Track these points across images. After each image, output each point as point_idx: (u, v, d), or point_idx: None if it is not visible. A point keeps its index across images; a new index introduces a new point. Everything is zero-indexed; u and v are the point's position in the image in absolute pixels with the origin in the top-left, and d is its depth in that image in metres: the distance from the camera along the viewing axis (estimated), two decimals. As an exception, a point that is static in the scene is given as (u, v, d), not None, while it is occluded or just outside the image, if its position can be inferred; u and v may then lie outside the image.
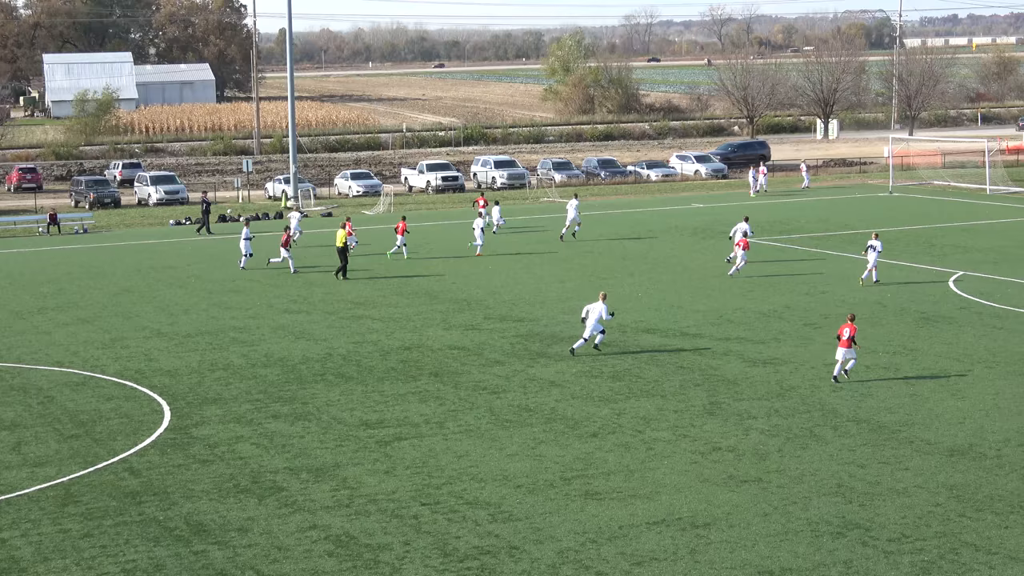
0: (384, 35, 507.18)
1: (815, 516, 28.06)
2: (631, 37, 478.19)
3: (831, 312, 50.18)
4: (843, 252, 65.64)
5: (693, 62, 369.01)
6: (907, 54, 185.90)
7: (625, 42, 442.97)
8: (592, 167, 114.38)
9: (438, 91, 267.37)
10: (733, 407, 37.03)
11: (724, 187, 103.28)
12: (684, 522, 27.87)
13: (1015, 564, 25.22)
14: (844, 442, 33.45)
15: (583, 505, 29.08)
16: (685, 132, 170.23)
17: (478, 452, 33.24)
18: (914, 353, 43.26)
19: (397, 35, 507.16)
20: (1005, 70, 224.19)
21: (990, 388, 38.57)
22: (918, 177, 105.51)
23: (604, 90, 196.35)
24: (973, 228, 74.71)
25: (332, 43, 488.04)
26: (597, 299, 44.18)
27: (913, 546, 26.25)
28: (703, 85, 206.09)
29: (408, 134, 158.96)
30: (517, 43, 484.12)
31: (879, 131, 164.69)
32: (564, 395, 38.73)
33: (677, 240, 71.23)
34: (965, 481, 30.20)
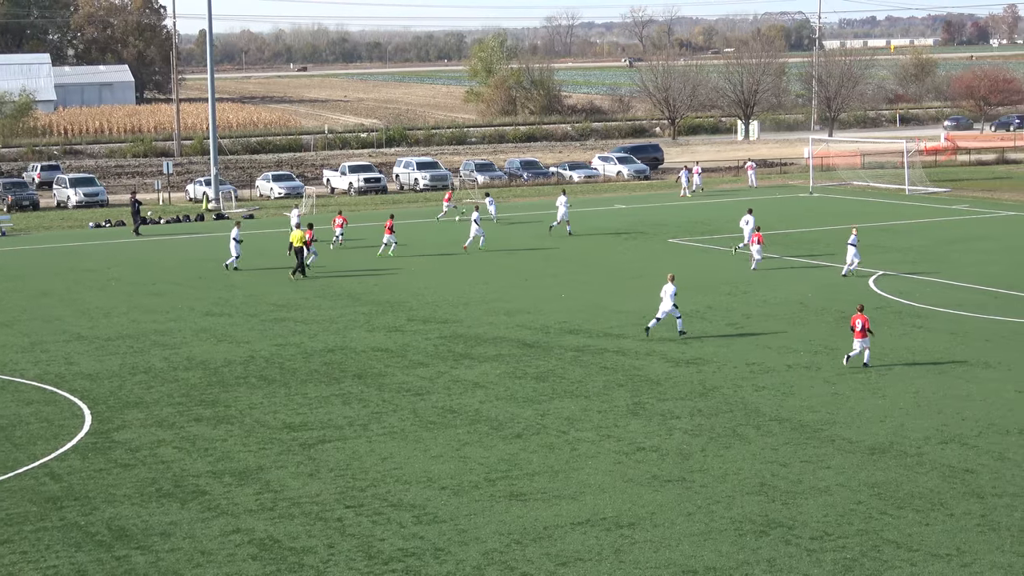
0: (305, 36, 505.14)
1: (738, 515, 28.20)
2: (553, 38, 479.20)
3: (753, 312, 50.49)
4: (764, 253, 65.98)
5: (615, 63, 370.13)
6: (826, 56, 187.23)
7: (547, 43, 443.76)
8: (515, 168, 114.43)
9: (360, 92, 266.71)
10: (657, 407, 37.15)
11: (646, 188, 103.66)
12: (609, 522, 27.92)
13: (936, 561, 25.45)
14: (767, 441, 33.64)
15: (508, 506, 29.08)
16: (607, 133, 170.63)
17: (402, 454, 33.17)
18: (835, 352, 43.56)
19: (318, 36, 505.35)
20: (923, 71, 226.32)
21: (910, 386, 38.92)
22: (838, 178, 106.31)
23: (526, 91, 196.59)
24: (892, 228, 75.36)
25: (253, 44, 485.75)
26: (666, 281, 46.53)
27: (835, 544, 26.43)
28: (625, 87, 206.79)
29: (330, 136, 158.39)
30: (439, 44, 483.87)
31: (799, 132, 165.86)
32: (488, 396, 38.72)
33: (600, 241, 71.36)
34: (886, 479, 30.45)
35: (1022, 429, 34.21)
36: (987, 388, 38.54)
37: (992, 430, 34.21)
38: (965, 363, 41.71)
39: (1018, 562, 25.26)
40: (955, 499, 28.94)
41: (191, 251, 71.27)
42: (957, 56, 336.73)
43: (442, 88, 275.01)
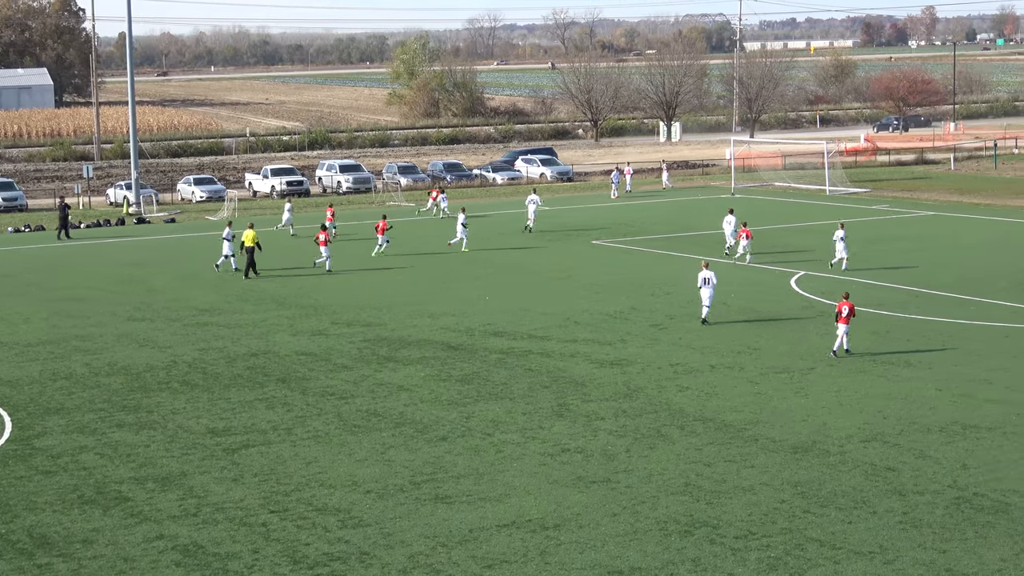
0: (226, 39, 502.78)
1: (663, 515, 28.29)
2: (475, 40, 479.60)
3: (676, 313, 50.69)
4: (686, 253, 66.32)
5: (537, 65, 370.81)
6: (747, 57, 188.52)
7: (469, 45, 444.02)
8: (438, 170, 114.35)
9: (281, 95, 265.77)
10: (581, 408, 37.21)
11: (570, 189, 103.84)
12: (534, 524, 27.93)
13: (859, 559, 25.64)
14: (691, 441, 33.78)
15: (433, 509, 29.02)
16: (530, 135, 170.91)
17: (327, 458, 33.04)
18: (758, 352, 43.83)
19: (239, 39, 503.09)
20: (843, 73, 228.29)
21: (832, 385, 39.21)
22: (760, 179, 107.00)
23: (449, 94, 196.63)
24: (813, 228, 75.89)
25: (173, 47, 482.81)
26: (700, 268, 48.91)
27: (760, 543, 26.57)
28: (547, 88, 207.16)
29: (252, 139, 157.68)
30: (361, 47, 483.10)
31: (721, 133, 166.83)
32: (413, 399, 38.64)
33: (524, 243, 71.39)
34: (809, 478, 30.65)
35: (943, 427, 34.55)
36: (908, 387, 38.89)
37: (913, 428, 34.52)
38: (886, 362, 42.06)
39: (940, 559, 25.49)
40: (877, 497, 29.17)
41: (112, 256, 70.63)
42: (876, 57, 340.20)
43: (364, 90, 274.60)
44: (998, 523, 27.32)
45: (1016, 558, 25.40)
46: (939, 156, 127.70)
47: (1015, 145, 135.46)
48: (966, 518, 27.67)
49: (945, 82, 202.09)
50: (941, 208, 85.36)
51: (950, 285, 55.66)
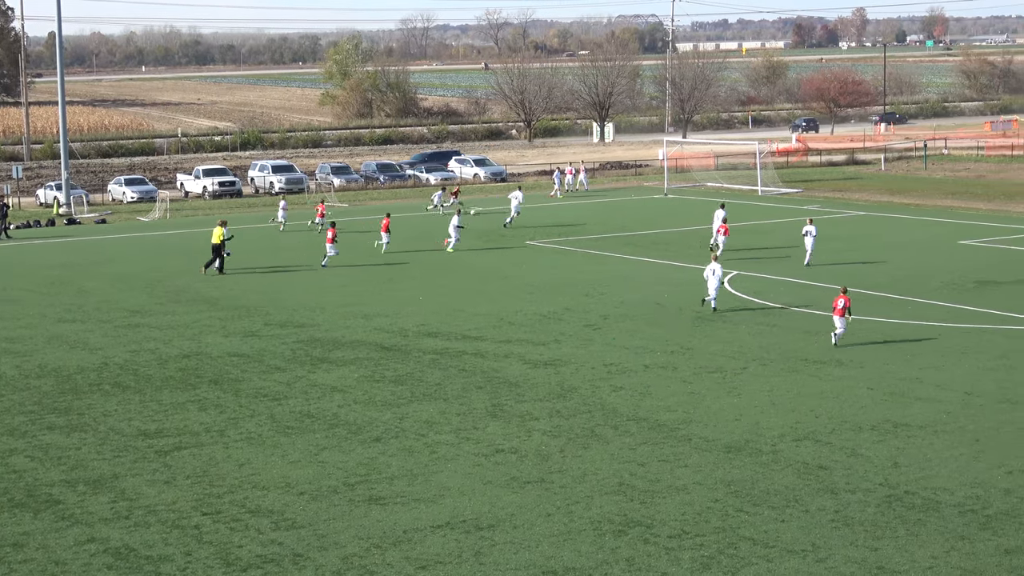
0: (157, 39, 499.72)
1: (597, 515, 28.32)
2: (408, 41, 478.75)
3: (610, 313, 50.80)
4: (620, 253, 66.52)
5: (470, 66, 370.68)
6: (679, 58, 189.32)
7: (402, 46, 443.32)
8: (371, 171, 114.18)
9: (213, 95, 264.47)
10: (515, 409, 37.21)
11: (503, 190, 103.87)
12: (468, 524, 27.90)
13: (792, 557, 25.76)
14: (625, 441, 33.84)
15: (367, 510, 28.94)
16: (464, 136, 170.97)
17: (260, 460, 32.87)
18: (691, 352, 43.99)
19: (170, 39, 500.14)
20: (774, 74, 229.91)
21: (765, 385, 39.40)
22: (692, 179, 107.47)
23: (382, 94, 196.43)
24: (746, 228, 76.26)
25: (104, 47, 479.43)
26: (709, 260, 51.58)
27: (693, 542, 26.64)
28: (481, 89, 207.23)
29: (184, 139, 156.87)
30: (293, 47, 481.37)
31: (654, 134, 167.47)
32: (346, 400, 38.53)
33: (458, 244, 71.32)
34: (742, 477, 30.77)
35: (874, 425, 34.78)
36: (840, 386, 39.13)
37: (845, 427, 34.73)
38: (818, 361, 42.31)
39: (871, 556, 25.66)
40: (810, 495, 29.33)
41: (43, 257, 70.04)
42: (807, 58, 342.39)
43: (297, 91, 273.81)
44: (929, 521, 27.53)
45: (947, 555, 25.60)
46: (870, 157, 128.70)
47: (945, 146, 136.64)
48: (897, 516, 27.86)
49: (875, 83, 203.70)
50: (872, 208, 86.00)
51: (881, 285, 56.07)
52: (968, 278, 57.22)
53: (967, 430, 34.26)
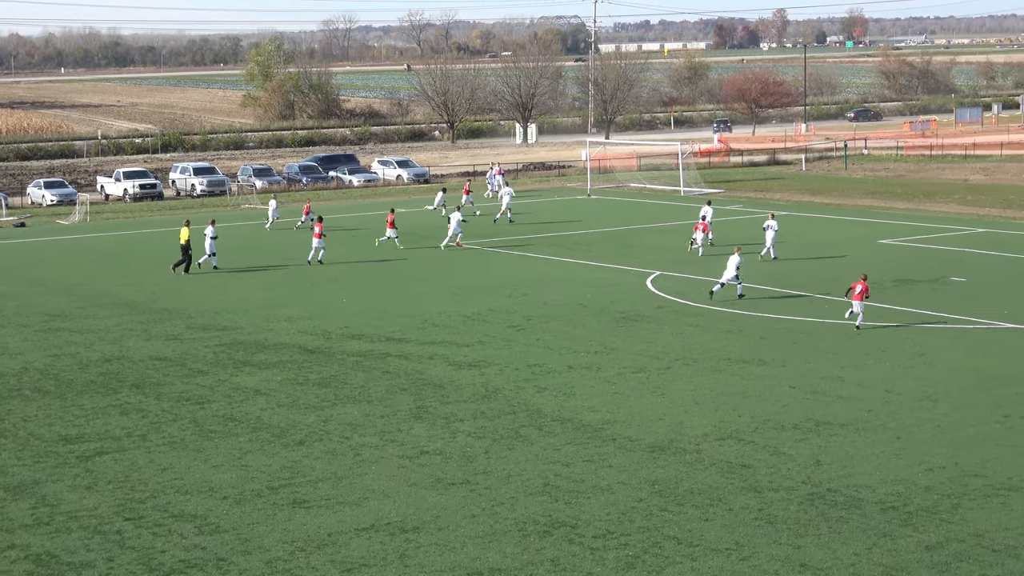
0: (76, 40, 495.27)
1: (522, 516, 28.33)
2: (330, 42, 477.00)
3: (534, 314, 50.85)
4: (543, 254, 66.62)
5: (393, 67, 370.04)
6: (602, 59, 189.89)
7: (324, 47, 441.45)
8: (294, 173, 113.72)
9: (134, 97, 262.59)
10: (440, 410, 37.17)
11: (426, 191, 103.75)
12: (393, 527, 27.84)
13: (715, 555, 25.88)
14: (549, 441, 33.88)
15: (291, 514, 28.81)
16: (386, 137, 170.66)
17: (182, 464, 32.65)
18: (615, 352, 44.11)
19: (90, 40, 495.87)
20: (696, 75, 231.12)
21: (688, 384, 39.57)
22: (615, 180, 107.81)
23: (304, 95, 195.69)
24: (668, 229, 76.59)
25: (22, 48, 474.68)
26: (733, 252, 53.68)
27: (618, 541, 26.71)
28: (403, 90, 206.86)
29: (104, 141, 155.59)
30: (215, 48, 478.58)
31: (577, 135, 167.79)
32: (270, 403, 38.34)
33: (381, 246, 71.14)
34: (666, 476, 30.88)
35: (796, 424, 35.01)
36: (762, 384, 39.37)
37: (768, 425, 34.95)
38: (741, 361, 42.55)
39: (795, 554, 25.82)
40: (733, 494, 29.48)
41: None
42: (729, 59, 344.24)
43: (219, 92, 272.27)
44: (851, 518, 27.74)
45: (869, 552, 25.81)
46: (791, 157, 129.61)
47: (864, 146, 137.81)
48: (820, 513, 28.06)
49: (796, 84, 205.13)
50: (793, 208, 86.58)
51: (803, 284, 56.46)
52: (887, 277, 57.72)
53: (888, 428, 34.57)
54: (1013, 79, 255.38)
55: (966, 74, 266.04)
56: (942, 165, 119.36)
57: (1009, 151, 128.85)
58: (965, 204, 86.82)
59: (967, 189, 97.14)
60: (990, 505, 28.39)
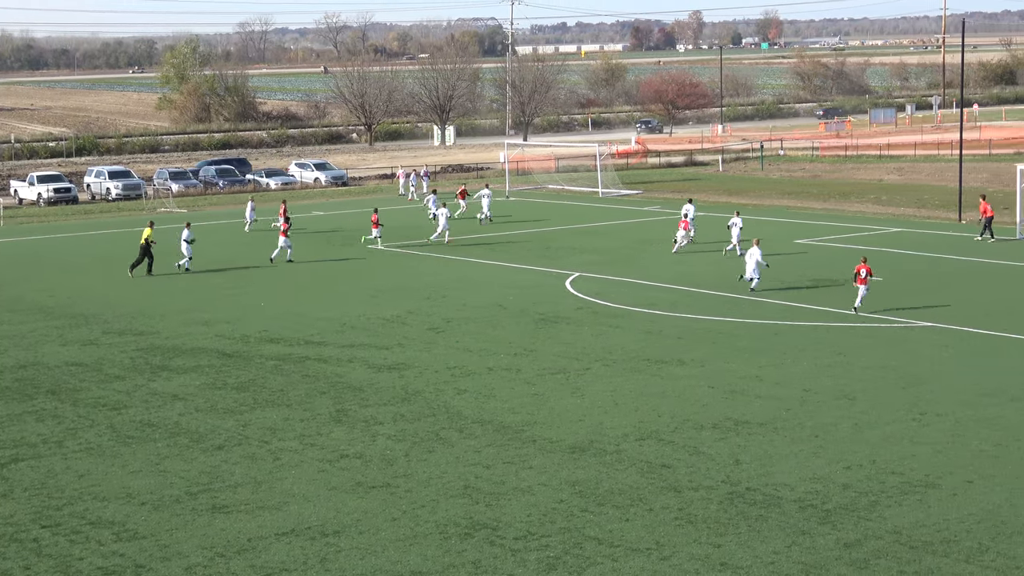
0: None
1: (443, 518, 28.29)
2: (246, 44, 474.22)
3: (453, 316, 50.80)
4: (462, 256, 66.60)
5: (310, 69, 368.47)
6: (519, 61, 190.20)
7: (240, 49, 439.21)
8: (210, 176, 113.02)
9: (47, 100, 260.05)
10: (360, 413, 37.05)
11: (344, 194, 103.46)
12: (314, 531, 27.71)
13: (636, 555, 25.94)
14: (470, 444, 33.85)
15: (210, 519, 28.61)
16: (304, 140, 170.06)
17: (100, 470, 32.34)
18: (534, 354, 44.15)
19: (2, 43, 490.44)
20: (613, 76, 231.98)
21: (608, 385, 39.66)
22: (534, 181, 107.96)
23: (220, 98, 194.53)
24: (587, 230, 76.78)
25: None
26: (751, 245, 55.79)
27: (539, 543, 26.72)
28: (320, 93, 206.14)
29: (17, 145, 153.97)
30: (129, 51, 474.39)
31: (495, 137, 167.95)
32: (188, 408, 38.06)
33: (300, 248, 70.86)
34: (587, 477, 30.93)
35: (715, 423, 35.18)
36: (681, 384, 39.53)
37: (687, 425, 35.09)
38: (660, 361, 42.70)
39: (715, 553, 25.93)
40: (653, 494, 29.57)
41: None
42: (645, 61, 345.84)
43: (134, 95, 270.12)
44: (770, 516, 27.91)
45: (788, 550, 25.97)
46: (708, 158, 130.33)
47: (780, 147, 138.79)
48: (739, 512, 28.20)
49: (712, 85, 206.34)
50: (710, 209, 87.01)
51: (719, 284, 56.77)
52: (804, 277, 58.16)
53: (806, 426, 34.81)
54: (926, 80, 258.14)
55: (880, 75, 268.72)
56: (857, 165, 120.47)
57: (923, 151, 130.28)
58: (880, 204, 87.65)
59: (882, 189, 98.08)
60: (907, 502, 28.65)
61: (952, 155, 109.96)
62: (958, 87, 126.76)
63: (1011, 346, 43.99)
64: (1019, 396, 37.37)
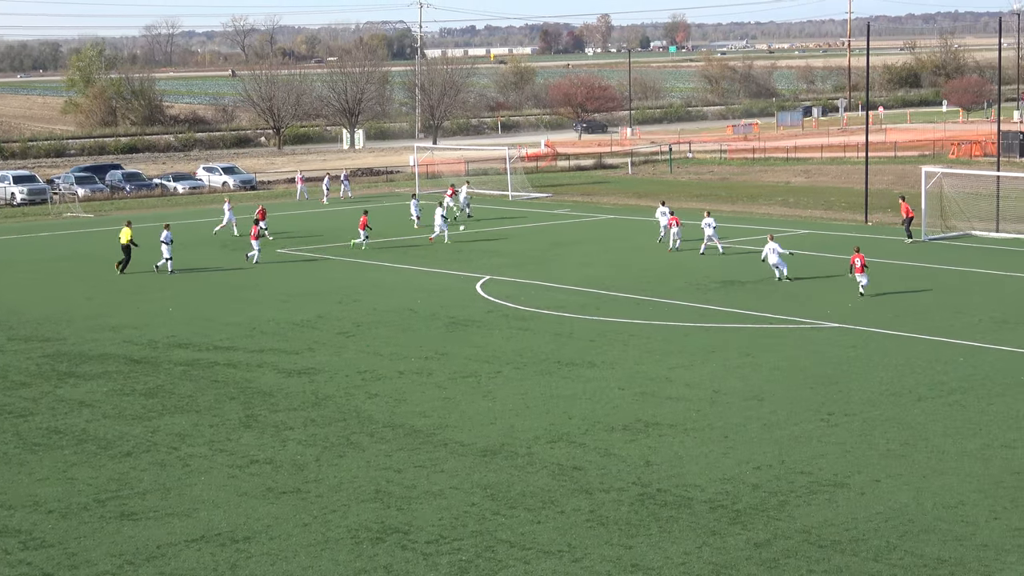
0: None
1: (354, 523, 28.19)
2: (153, 48, 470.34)
3: (363, 320, 50.66)
4: (373, 260, 66.42)
5: (217, 73, 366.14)
6: (428, 64, 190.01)
7: (147, 53, 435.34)
8: (117, 180, 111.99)
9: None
10: (270, 419, 36.86)
11: (253, 198, 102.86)
12: (224, 537, 27.52)
13: (548, 558, 25.97)
14: (381, 448, 33.77)
15: (119, 527, 28.34)
16: (212, 144, 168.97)
17: (5, 478, 31.93)
18: (445, 357, 44.11)
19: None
20: (522, 79, 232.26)
21: (519, 388, 39.69)
22: (444, 185, 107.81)
23: (127, 102, 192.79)
24: (497, 233, 76.79)
25: None
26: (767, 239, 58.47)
27: (451, 546, 26.69)
28: (228, 96, 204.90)
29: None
30: (34, 54, 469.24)
31: (404, 140, 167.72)
32: (95, 415, 37.69)
33: (206, 253, 70.43)
34: (498, 480, 30.94)
35: (626, 425, 35.30)
36: (592, 387, 39.63)
37: (598, 427, 35.19)
38: (571, 363, 42.79)
39: (626, 554, 26.01)
40: (565, 496, 29.62)
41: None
42: (554, 64, 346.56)
43: (38, 99, 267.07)
44: (681, 517, 28.04)
45: (699, 551, 26.10)
46: (617, 161, 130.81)
47: (689, 150, 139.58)
48: (650, 514, 28.32)
49: (621, 88, 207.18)
50: (620, 212, 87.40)
51: (629, 286, 57.00)
52: (712, 278, 58.53)
53: (716, 427, 35.02)
54: (832, 83, 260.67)
55: (787, 78, 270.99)
56: (764, 168, 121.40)
57: (829, 153, 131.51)
58: (787, 206, 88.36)
59: (789, 191, 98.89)
60: (816, 502, 28.89)
61: (858, 157, 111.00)
62: (864, 90, 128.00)
63: (918, 346, 44.49)
64: (926, 396, 37.81)
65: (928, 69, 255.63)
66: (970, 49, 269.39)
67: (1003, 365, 41.46)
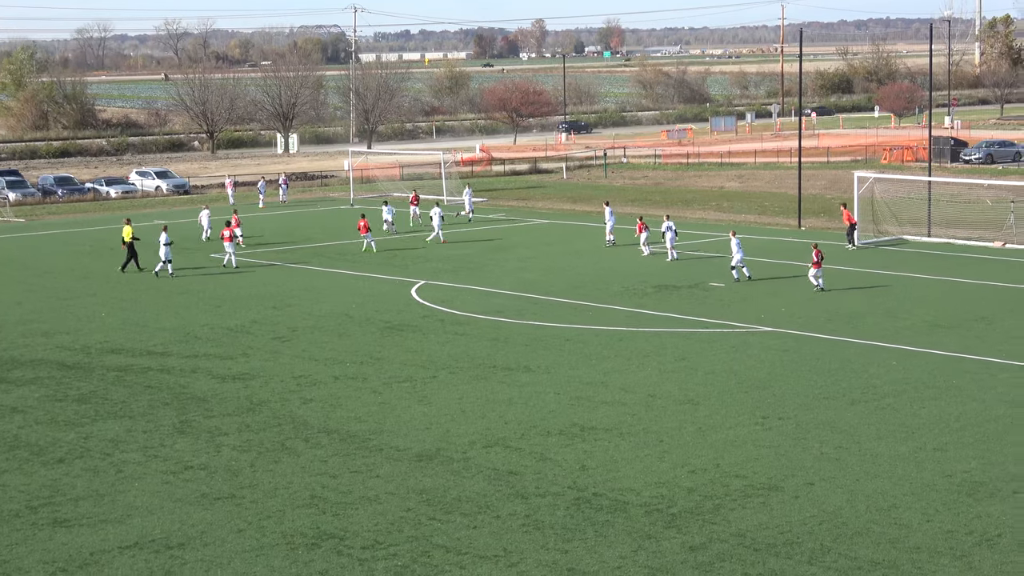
0: None
1: (289, 529, 28.09)
2: (85, 51, 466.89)
3: (299, 325, 50.50)
4: (307, 265, 66.23)
5: (150, 76, 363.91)
6: (363, 69, 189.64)
7: (79, 56, 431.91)
8: (49, 184, 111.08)
9: None
10: (204, 424, 36.67)
11: (186, 203, 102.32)
12: (158, 544, 27.36)
13: (484, 562, 25.97)
14: (316, 453, 33.67)
15: (52, 533, 28.11)
16: (144, 148, 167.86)
17: (-64, 486, 31.64)
18: (381, 362, 44.03)
19: None
20: (457, 84, 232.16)
21: (455, 392, 39.68)
22: (378, 189, 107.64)
23: (59, 105, 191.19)
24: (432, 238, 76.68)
25: None
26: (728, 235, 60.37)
27: (387, 552, 26.65)
28: (161, 100, 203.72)
29: None
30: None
31: (339, 144, 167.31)
32: (27, 421, 37.37)
33: (144, 257, 69.89)
34: (434, 485, 30.91)
35: (562, 430, 35.35)
36: (528, 391, 39.66)
37: (534, 432, 35.22)
38: (506, 368, 42.82)
39: (562, 559, 26.05)
40: (501, 501, 29.63)
41: None
42: (489, 69, 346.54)
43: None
44: (616, 521, 28.11)
45: (634, 555, 26.17)
46: (552, 165, 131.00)
47: (624, 154, 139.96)
48: (586, 518, 28.37)
49: (556, 93, 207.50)
50: (555, 216, 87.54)
51: (565, 291, 57.09)
52: (648, 283, 58.71)
53: (651, 431, 35.12)
54: (765, 88, 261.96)
55: (720, 84, 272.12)
56: (698, 173, 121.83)
57: (763, 159, 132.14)
58: (721, 211, 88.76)
59: (723, 196, 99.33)
60: (751, 505, 29.04)
61: (791, 163, 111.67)
62: (796, 95, 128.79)
63: (850, 350, 44.79)
64: (859, 399, 38.08)
65: (860, 75, 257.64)
66: (901, 56, 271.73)
67: (935, 369, 41.81)
